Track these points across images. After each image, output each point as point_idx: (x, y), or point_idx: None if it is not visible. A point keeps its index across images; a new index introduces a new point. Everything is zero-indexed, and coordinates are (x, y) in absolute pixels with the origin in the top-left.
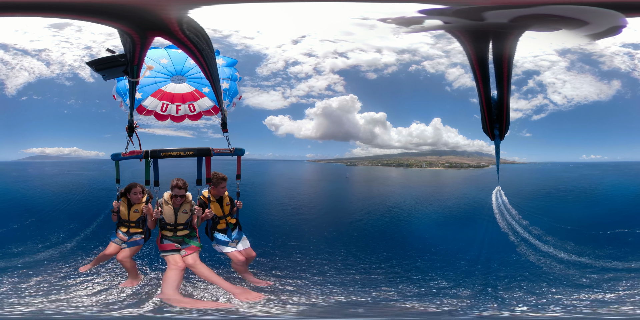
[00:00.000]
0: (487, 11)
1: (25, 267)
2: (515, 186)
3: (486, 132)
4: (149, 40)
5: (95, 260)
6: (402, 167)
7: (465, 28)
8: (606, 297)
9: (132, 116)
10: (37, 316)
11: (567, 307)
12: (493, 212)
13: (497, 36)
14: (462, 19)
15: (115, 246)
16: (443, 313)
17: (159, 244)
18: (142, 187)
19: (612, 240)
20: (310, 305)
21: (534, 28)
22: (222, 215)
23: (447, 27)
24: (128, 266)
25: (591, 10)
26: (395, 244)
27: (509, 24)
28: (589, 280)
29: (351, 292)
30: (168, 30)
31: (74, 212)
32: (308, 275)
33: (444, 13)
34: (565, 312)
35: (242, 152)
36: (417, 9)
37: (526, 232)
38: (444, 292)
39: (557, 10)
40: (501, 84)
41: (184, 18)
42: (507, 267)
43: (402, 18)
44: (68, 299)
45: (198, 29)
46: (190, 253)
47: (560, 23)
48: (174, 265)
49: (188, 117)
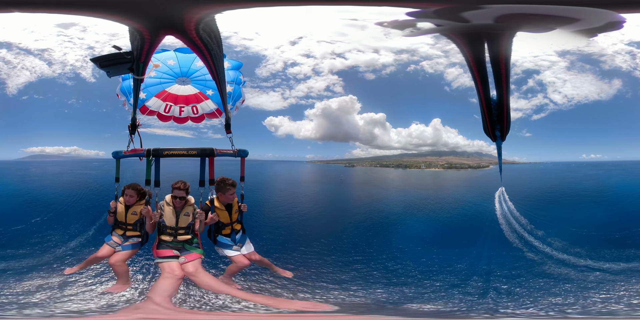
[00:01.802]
0: (465, 12)
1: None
2: (519, 188)
3: (487, 133)
4: (160, 39)
5: (85, 262)
6: (400, 168)
7: (458, 30)
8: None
9: (135, 114)
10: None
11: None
12: (498, 222)
13: (491, 37)
14: (445, 20)
15: (109, 249)
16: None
17: (155, 250)
18: (137, 191)
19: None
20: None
21: (526, 28)
22: (229, 222)
23: (440, 29)
24: (119, 271)
25: (575, 9)
26: (382, 249)
27: (497, 25)
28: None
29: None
30: (182, 29)
31: (87, 207)
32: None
33: (427, 15)
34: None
35: (245, 153)
36: (403, 11)
37: (546, 246)
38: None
39: (536, 10)
40: (500, 84)
41: (204, 18)
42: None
43: (396, 21)
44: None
45: (213, 30)
46: (190, 261)
47: (552, 22)
48: (170, 274)
49: (190, 119)
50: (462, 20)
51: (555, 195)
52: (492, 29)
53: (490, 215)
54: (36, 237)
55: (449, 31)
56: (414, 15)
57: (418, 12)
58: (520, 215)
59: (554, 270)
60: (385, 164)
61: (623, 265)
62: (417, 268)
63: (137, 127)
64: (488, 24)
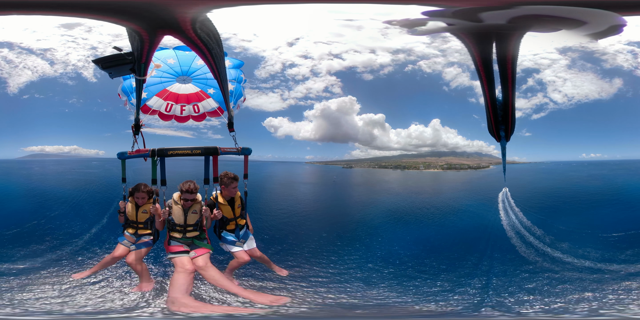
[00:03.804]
0: (483, 12)
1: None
2: (523, 189)
3: (492, 133)
4: (158, 39)
5: (99, 264)
6: (399, 169)
7: (469, 30)
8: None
9: (138, 115)
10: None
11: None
12: (506, 234)
13: (500, 37)
14: (461, 20)
15: (124, 248)
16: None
17: (167, 246)
18: (147, 193)
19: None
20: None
21: (534, 29)
22: (233, 217)
23: (450, 29)
24: (139, 269)
25: (584, 11)
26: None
27: (508, 25)
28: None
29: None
30: (179, 29)
31: (97, 200)
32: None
33: (444, 15)
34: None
35: (249, 151)
36: (420, 11)
37: (583, 260)
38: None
39: (550, 11)
40: (506, 85)
41: (199, 17)
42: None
43: (406, 20)
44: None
45: (211, 29)
46: (200, 255)
47: (560, 23)
48: (182, 268)
49: (192, 117)
50: (477, 20)
51: (565, 197)
52: (503, 29)
53: (495, 229)
54: (56, 229)
55: (459, 30)
56: (431, 14)
57: (435, 11)
58: (532, 225)
59: (611, 285)
60: (383, 165)
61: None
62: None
63: (140, 128)
64: (500, 24)
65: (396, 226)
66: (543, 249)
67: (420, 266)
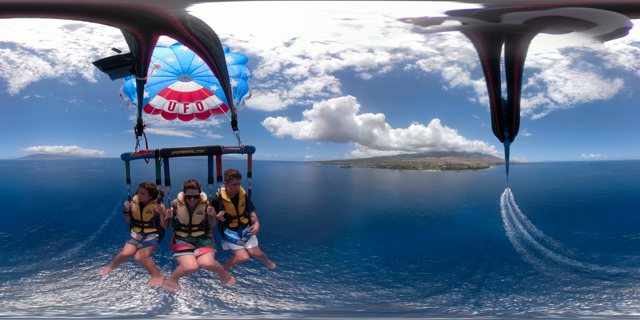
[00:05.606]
0: (506, 13)
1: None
2: (527, 191)
3: (496, 133)
4: (155, 39)
5: (113, 262)
6: (397, 169)
7: (481, 29)
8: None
9: (140, 115)
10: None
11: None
12: (514, 248)
13: (510, 38)
14: (482, 20)
15: (132, 247)
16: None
17: (172, 245)
18: (149, 190)
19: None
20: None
21: (546, 30)
22: (236, 215)
23: (463, 28)
24: (148, 265)
25: (599, 13)
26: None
27: (523, 26)
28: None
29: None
30: (172, 29)
31: (104, 197)
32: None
33: (468, 14)
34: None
35: (252, 149)
36: (444, 10)
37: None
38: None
39: (568, 13)
40: (512, 85)
41: (187, 17)
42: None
43: (423, 18)
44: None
45: (204, 27)
46: (204, 253)
47: (571, 25)
48: (186, 266)
49: (196, 115)
50: (496, 20)
51: (574, 200)
52: (515, 30)
53: (499, 244)
54: (72, 223)
55: (471, 30)
56: (453, 13)
57: (458, 11)
58: (546, 236)
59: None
60: (382, 165)
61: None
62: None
63: (143, 128)
64: (514, 25)
65: (371, 234)
66: (572, 265)
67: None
